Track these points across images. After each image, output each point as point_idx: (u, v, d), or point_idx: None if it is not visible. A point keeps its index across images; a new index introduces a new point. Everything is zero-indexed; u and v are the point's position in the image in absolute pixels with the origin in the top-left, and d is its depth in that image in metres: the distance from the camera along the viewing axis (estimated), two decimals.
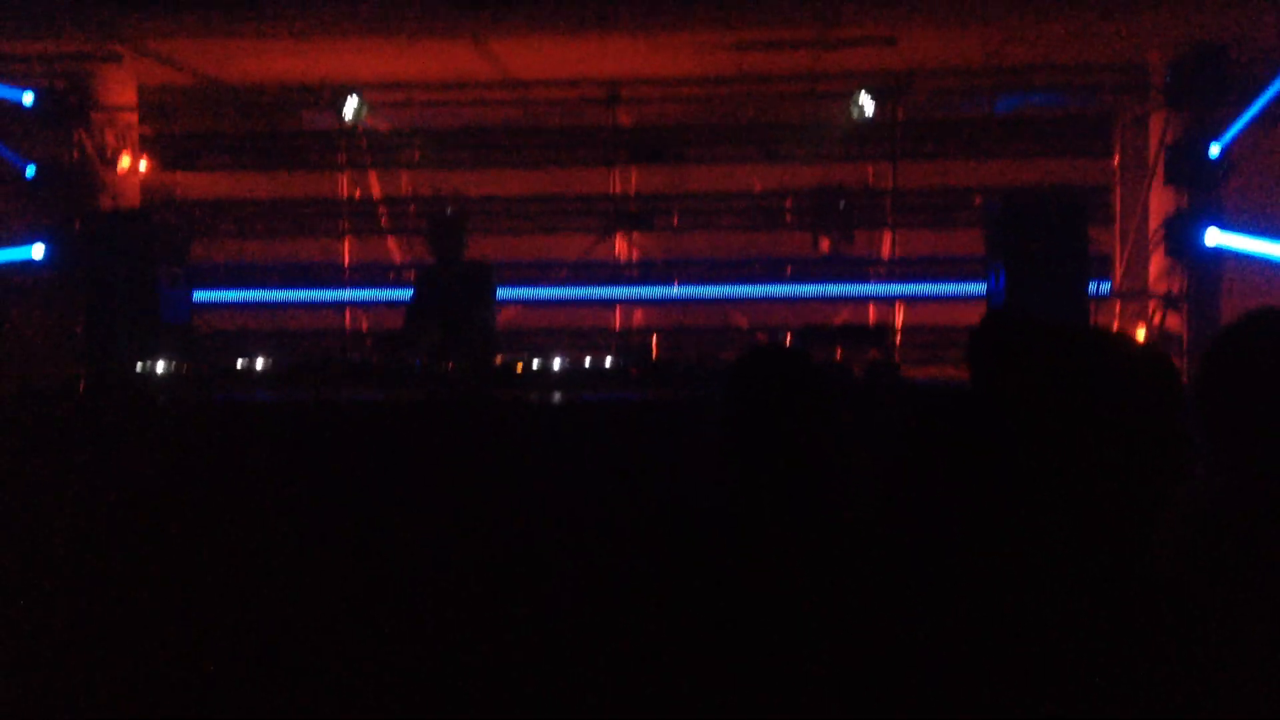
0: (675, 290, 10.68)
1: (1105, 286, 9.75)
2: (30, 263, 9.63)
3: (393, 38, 9.51)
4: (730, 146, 10.34)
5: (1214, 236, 9.25)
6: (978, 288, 8.88)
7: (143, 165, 10.68)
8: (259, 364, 6.14)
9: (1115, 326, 9.83)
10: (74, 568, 4.71)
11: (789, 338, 7.54)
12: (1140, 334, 9.51)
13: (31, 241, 9.54)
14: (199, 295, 9.01)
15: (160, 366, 6.05)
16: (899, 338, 9.90)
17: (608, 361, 6.05)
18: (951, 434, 1.74)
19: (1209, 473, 2.13)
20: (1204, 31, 9.40)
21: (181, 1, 8.65)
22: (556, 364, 5.87)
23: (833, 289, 10.54)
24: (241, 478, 4.88)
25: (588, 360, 6.19)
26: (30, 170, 9.97)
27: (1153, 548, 1.75)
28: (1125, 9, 8.88)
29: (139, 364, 6.13)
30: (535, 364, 5.88)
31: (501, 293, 7.75)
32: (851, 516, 2.36)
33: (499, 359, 6.27)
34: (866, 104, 9.90)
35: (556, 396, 5.46)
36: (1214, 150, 9.20)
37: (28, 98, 9.84)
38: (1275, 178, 9.52)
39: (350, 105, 10.22)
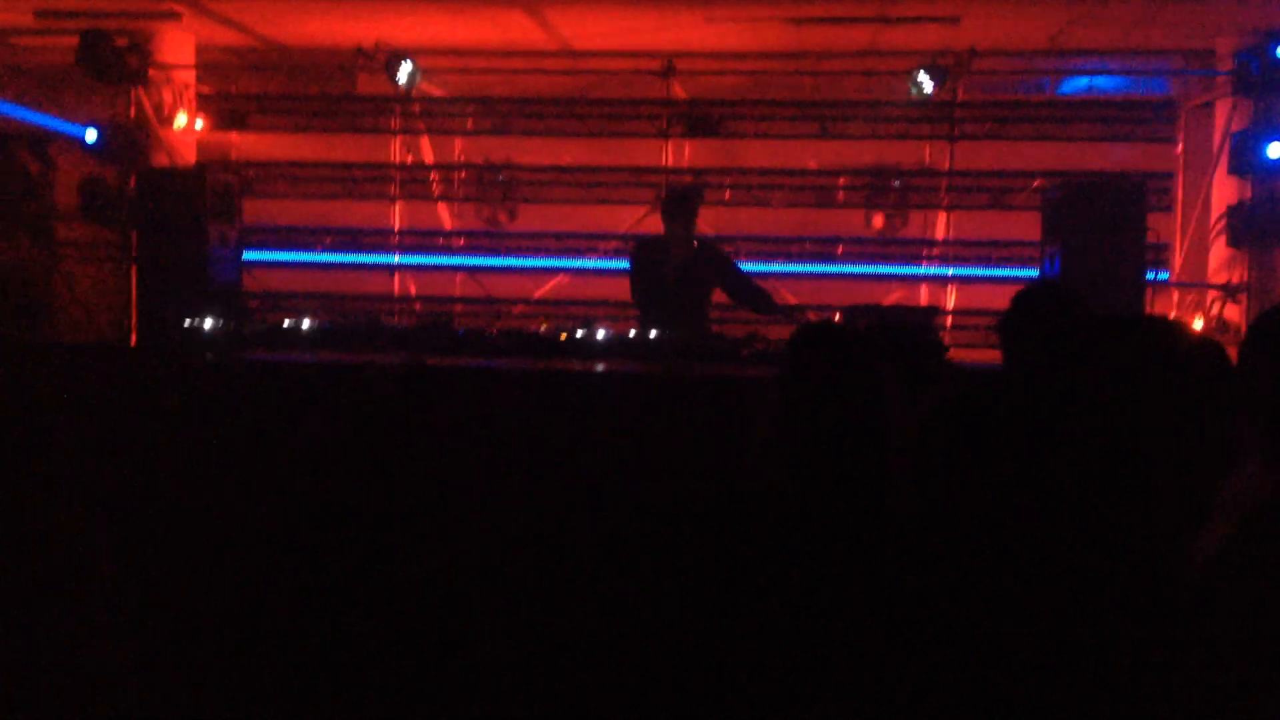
0: None
1: (1163, 275, 9.58)
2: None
3: (448, 3, 9.49)
4: (785, 122, 10.21)
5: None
6: (1032, 272, 8.75)
7: (199, 124, 10.74)
8: (305, 325, 6.15)
9: (1172, 315, 9.67)
10: (116, 525, 4.75)
11: (837, 316, 7.46)
12: (1198, 324, 9.34)
13: None
14: (249, 255, 9.05)
15: (208, 324, 6.08)
16: (950, 320, 9.77)
17: (653, 334, 6.01)
18: (986, 419, 1.69)
19: (1260, 469, 2.04)
20: (1273, 19, 9.19)
21: None
22: (600, 334, 5.83)
23: (884, 269, 10.44)
24: (282, 438, 4.90)
25: (632, 332, 6.15)
26: (91, 134, 9.97)
27: (1192, 542, 1.69)
28: None
29: (187, 321, 6.16)
30: (579, 334, 5.85)
31: (547, 262, 7.69)
32: (892, 500, 2.32)
33: (544, 328, 6.24)
34: (925, 82, 9.74)
35: (599, 367, 5.43)
36: (1274, 151, 8.95)
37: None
38: None
39: (404, 70, 10.21)
